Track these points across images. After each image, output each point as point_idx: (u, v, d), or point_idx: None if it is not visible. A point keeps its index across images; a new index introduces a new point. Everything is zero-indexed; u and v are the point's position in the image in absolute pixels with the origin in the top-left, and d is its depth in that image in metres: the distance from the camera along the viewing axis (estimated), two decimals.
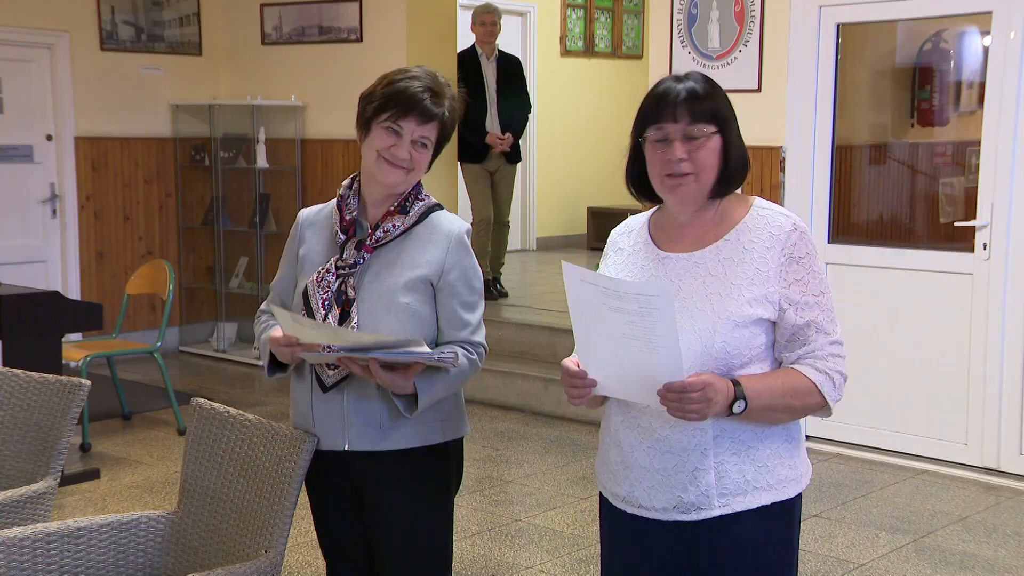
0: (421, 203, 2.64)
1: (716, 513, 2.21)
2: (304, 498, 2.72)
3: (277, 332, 2.56)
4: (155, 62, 8.17)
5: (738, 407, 2.13)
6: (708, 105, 2.22)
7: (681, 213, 2.28)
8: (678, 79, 2.25)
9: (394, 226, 2.60)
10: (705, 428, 2.19)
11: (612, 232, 2.47)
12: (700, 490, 2.20)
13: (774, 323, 2.22)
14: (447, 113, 2.58)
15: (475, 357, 2.61)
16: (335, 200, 2.69)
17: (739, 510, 2.21)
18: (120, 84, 7.99)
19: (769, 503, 2.24)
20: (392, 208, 2.61)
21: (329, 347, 2.47)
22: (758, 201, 2.31)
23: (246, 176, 8.13)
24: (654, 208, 2.41)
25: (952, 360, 5.46)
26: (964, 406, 5.44)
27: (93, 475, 5.40)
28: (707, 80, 2.26)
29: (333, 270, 2.58)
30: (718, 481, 2.20)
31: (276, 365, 2.65)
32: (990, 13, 5.31)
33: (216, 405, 2.84)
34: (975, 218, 5.41)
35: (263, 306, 2.81)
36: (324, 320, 2.56)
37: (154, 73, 8.17)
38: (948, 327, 5.47)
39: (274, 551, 2.55)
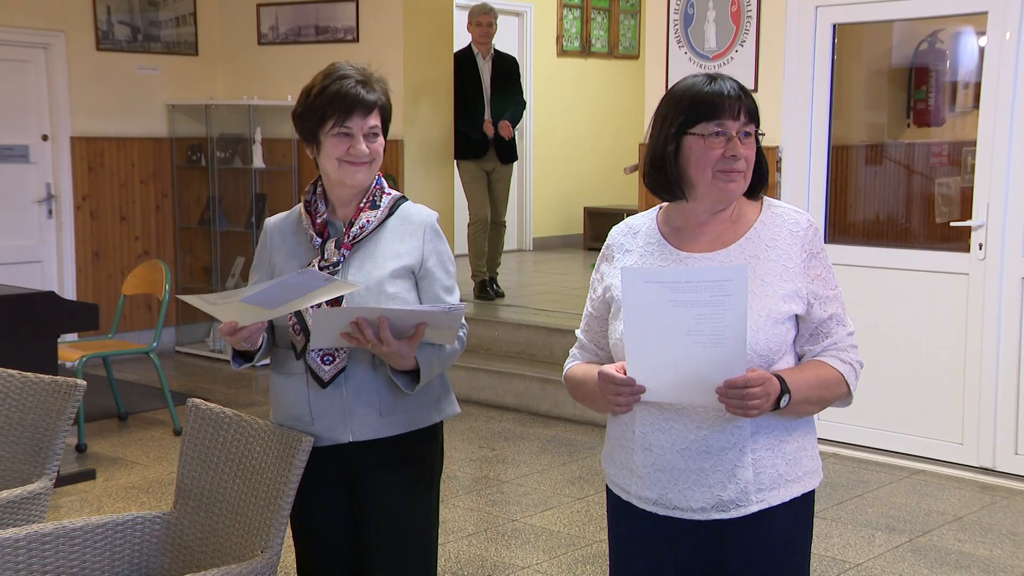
0: (388, 196, 2.69)
1: (754, 509, 2.24)
2: None
3: (223, 324, 2.58)
4: (151, 62, 8.16)
5: (785, 401, 2.16)
6: (754, 105, 2.26)
7: (711, 210, 2.27)
8: (712, 78, 2.26)
9: (368, 221, 2.64)
10: (743, 425, 2.20)
11: (612, 233, 2.44)
12: (739, 487, 2.22)
13: (798, 317, 2.26)
14: (383, 96, 2.63)
15: (462, 335, 2.65)
16: (299, 206, 2.72)
17: (774, 504, 2.25)
18: (116, 84, 7.98)
19: (799, 495, 2.28)
20: (363, 205, 2.65)
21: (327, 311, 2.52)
22: (767, 199, 2.34)
23: (242, 176, 8.13)
24: (655, 208, 2.40)
25: (948, 360, 5.47)
26: (960, 406, 5.44)
27: (89, 476, 5.39)
28: (737, 81, 2.29)
29: (317, 270, 2.59)
30: (755, 477, 2.23)
31: (240, 354, 2.68)
32: (986, 13, 5.31)
33: (212, 405, 2.84)
34: (971, 218, 5.42)
35: None
36: None
37: (150, 73, 8.17)
38: (944, 327, 5.48)
39: (270, 551, 2.55)
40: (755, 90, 5.90)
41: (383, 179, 2.70)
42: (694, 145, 2.21)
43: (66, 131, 7.78)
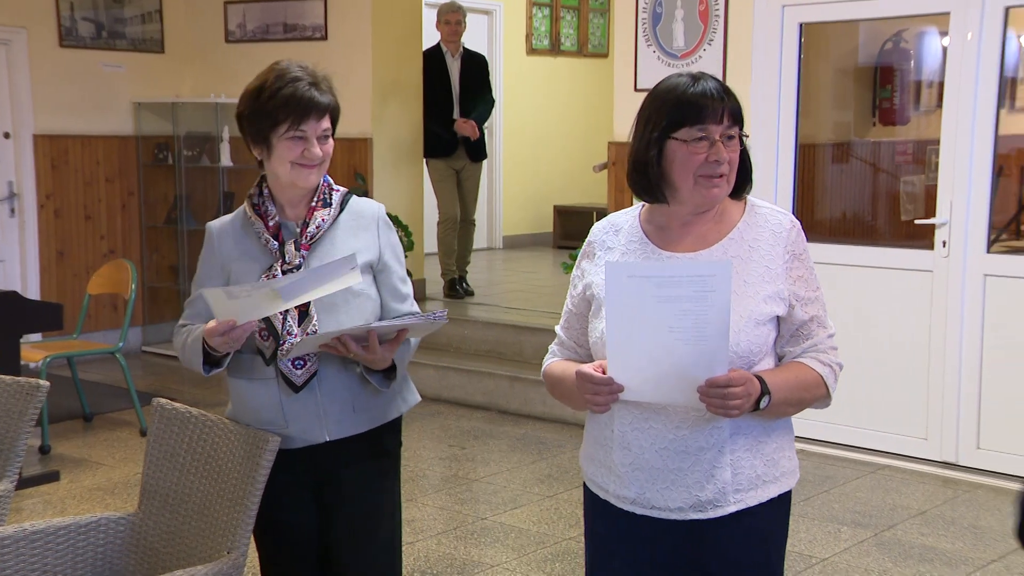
0: (337, 192, 2.69)
1: (731, 509, 2.23)
2: None
3: (211, 324, 2.52)
4: (117, 59, 8.10)
5: (764, 402, 2.15)
6: (737, 107, 2.23)
7: (694, 211, 2.26)
8: (697, 78, 2.22)
9: (324, 220, 2.64)
10: (723, 426, 2.20)
11: (594, 230, 2.41)
12: (717, 488, 2.22)
13: (779, 318, 2.25)
14: (333, 98, 2.62)
15: None
16: (244, 208, 2.69)
17: (752, 504, 2.25)
18: (81, 81, 7.91)
19: (777, 495, 2.29)
20: (315, 204, 2.65)
21: (315, 329, 2.53)
22: (751, 199, 2.33)
23: (210, 175, 8.09)
24: (638, 206, 2.38)
25: (912, 357, 5.52)
26: (924, 402, 5.50)
27: (53, 477, 5.35)
28: (721, 81, 2.26)
29: (280, 274, 2.58)
30: (734, 477, 2.22)
31: (209, 361, 2.61)
32: (948, 14, 5.37)
33: (177, 405, 2.83)
34: (935, 216, 5.47)
35: (181, 321, 2.72)
36: (284, 322, 2.56)
37: (115, 70, 8.10)
38: (908, 324, 5.53)
39: (236, 552, 2.54)
40: None
41: (328, 176, 2.70)
42: (677, 150, 2.19)
43: (28, 128, 7.70)
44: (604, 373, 2.16)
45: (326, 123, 2.59)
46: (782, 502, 2.31)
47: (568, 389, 2.29)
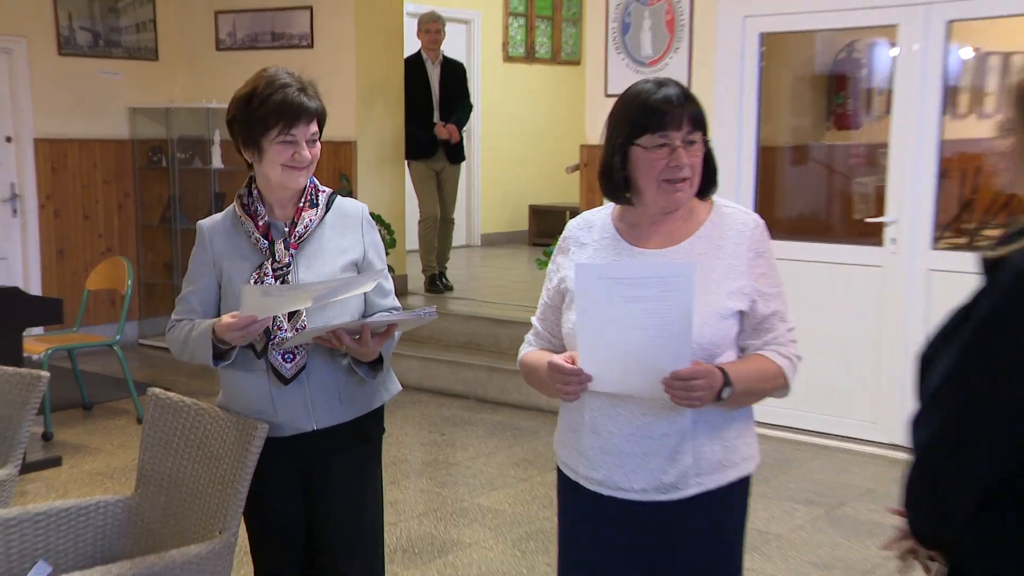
0: (323, 193, 2.69)
1: (692, 492, 2.24)
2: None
3: (227, 318, 2.51)
4: (113, 67, 8.07)
5: (726, 393, 2.15)
6: (699, 112, 2.22)
7: (661, 212, 2.26)
8: (661, 84, 2.21)
9: (312, 220, 2.64)
10: (685, 414, 2.21)
11: (569, 226, 2.41)
12: (679, 471, 2.23)
13: (742, 313, 2.25)
14: (320, 103, 2.62)
15: None
16: (233, 208, 2.68)
17: (712, 488, 2.26)
18: (79, 88, 7.88)
19: (736, 479, 2.30)
20: (302, 204, 2.65)
21: (303, 324, 2.54)
22: (716, 199, 2.33)
23: (202, 176, 8.07)
24: (610, 205, 2.37)
25: (863, 346, 5.59)
26: (874, 388, 5.57)
27: (55, 462, 5.34)
28: (685, 87, 2.24)
29: (270, 272, 2.59)
30: (695, 462, 2.23)
31: (217, 355, 2.60)
32: (896, 26, 5.43)
33: (171, 395, 2.84)
34: (884, 214, 5.53)
35: (176, 316, 2.68)
36: (275, 318, 2.57)
37: (112, 77, 8.08)
38: (860, 316, 5.59)
39: (228, 532, 2.56)
40: None
41: (314, 177, 2.70)
42: (640, 156, 2.19)
43: (29, 133, 7.67)
44: (574, 364, 2.17)
45: (314, 127, 2.59)
46: (741, 485, 2.32)
47: (542, 378, 2.30)
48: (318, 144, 2.63)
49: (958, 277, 5.31)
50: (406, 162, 8.08)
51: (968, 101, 6.81)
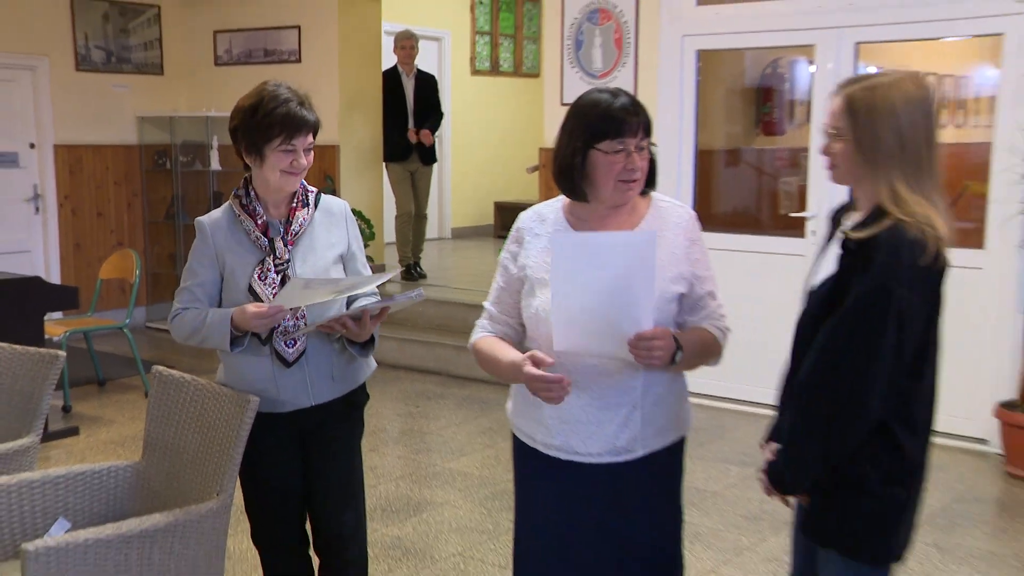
0: (312, 193, 2.68)
1: (640, 453, 2.26)
2: None
3: (253, 308, 2.47)
4: (123, 80, 7.99)
5: (679, 356, 2.15)
6: (648, 120, 2.23)
7: (610, 207, 2.25)
8: (615, 94, 2.20)
9: (305, 219, 2.63)
10: (636, 385, 2.21)
11: (521, 218, 2.37)
12: (630, 436, 2.24)
13: (682, 295, 2.25)
14: (316, 115, 2.59)
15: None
16: (230, 206, 2.64)
17: (657, 448, 2.28)
18: (93, 99, 7.81)
19: (676, 439, 2.33)
20: (295, 204, 2.63)
21: (303, 314, 2.56)
22: (654, 195, 2.33)
23: (202, 177, 8.01)
24: (560, 199, 2.35)
25: (787, 325, 5.61)
26: None
27: (73, 432, 5.31)
28: (634, 96, 2.24)
29: (272, 267, 2.57)
30: (643, 427, 2.24)
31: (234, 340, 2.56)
32: (814, 46, 5.48)
33: (174, 372, 2.82)
34: (806, 210, 5.58)
35: (181, 305, 2.62)
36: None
37: (122, 90, 8.00)
38: (784, 299, 5.60)
39: (225, 494, 2.56)
40: None
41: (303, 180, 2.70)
42: (599, 159, 2.18)
43: (50, 140, 7.59)
44: (538, 366, 2.12)
45: (311, 138, 2.58)
46: (681, 445, 2.36)
47: (500, 368, 2.27)
48: (312, 152, 2.60)
49: None
50: (384, 164, 8.06)
51: None
